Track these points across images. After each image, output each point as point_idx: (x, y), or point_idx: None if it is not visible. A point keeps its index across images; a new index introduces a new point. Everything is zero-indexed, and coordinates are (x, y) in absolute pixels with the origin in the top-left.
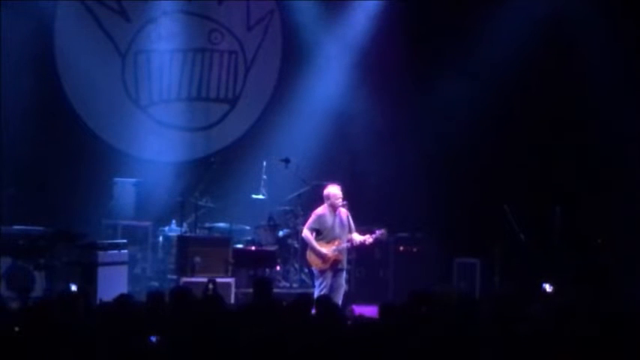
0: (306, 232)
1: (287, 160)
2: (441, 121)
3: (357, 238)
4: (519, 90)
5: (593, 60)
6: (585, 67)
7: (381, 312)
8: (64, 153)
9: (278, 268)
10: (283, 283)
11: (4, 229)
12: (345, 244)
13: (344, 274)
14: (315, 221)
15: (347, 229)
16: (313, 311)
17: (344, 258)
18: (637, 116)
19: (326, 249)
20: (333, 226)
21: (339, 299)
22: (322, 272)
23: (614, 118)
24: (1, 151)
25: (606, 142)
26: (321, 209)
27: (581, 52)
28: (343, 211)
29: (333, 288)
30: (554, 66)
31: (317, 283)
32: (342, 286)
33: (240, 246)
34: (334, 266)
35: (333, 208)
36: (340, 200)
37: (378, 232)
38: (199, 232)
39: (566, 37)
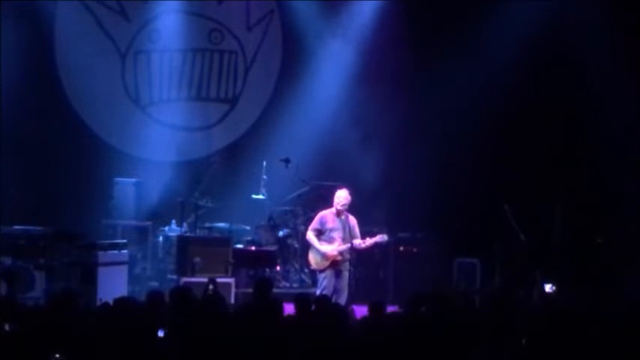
0: (309, 234)
1: (287, 160)
2: (441, 122)
3: (357, 241)
4: (520, 90)
5: (594, 59)
6: (586, 67)
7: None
8: (64, 153)
9: (278, 268)
10: (283, 283)
11: (4, 229)
12: (345, 246)
13: (346, 276)
14: (316, 221)
15: (350, 235)
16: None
17: (345, 260)
18: (638, 116)
19: (324, 248)
20: (334, 228)
21: (342, 301)
22: (322, 272)
23: (615, 118)
24: (0, 150)
25: (607, 141)
26: (326, 210)
27: (582, 50)
28: (352, 218)
29: (336, 289)
30: (555, 65)
31: (318, 283)
32: (346, 289)
33: (240, 246)
34: (334, 267)
35: (339, 211)
36: (342, 202)
37: (378, 236)
38: (199, 232)
39: (567, 35)
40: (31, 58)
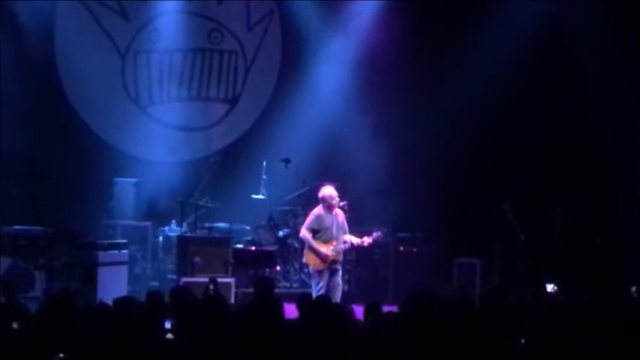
0: (304, 232)
1: (287, 160)
2: (441, 121)
3: (355, 240)
4: (519, 90)
5: (594, 60)
6: (586, 68)
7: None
8: (64, 153)
9: (278, 268)
10: (283, 283)
11: (4, 229)
12: (342, 246)
13: (340, 273)
14: (313, 221)
15: (343, 231)
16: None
17: (341, 258)
18: (637, 116)
19: (324, 249)
20: (331, 227)
21: (337, 298)
22: (319, 272)
23: (615, 118)
24: (1, 150)
25: (606, 141)
26: (318, 209)
27: (581, 52)
28: (339, 213)
29: (330, 287)
30: (555, 66)
31: (314, 283)
32: (340, 285)
33: (240, 246)
34: (331, 266)
35: (330, 208)
36: (337, 200)
37: (375, 234)
38: (199, 232)
39: (566, 38)
40: (31, 58)
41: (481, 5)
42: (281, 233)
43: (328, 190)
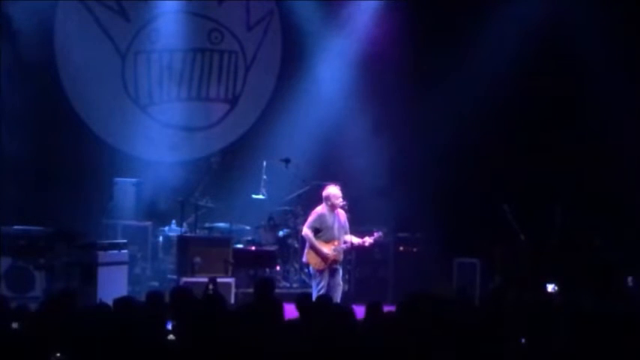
0: (306, 231)
1: (287, 160)
2: (441, 121)
3: (356, 240)
4: (519, 90)
5: (593, 60)
6: (585, 67)
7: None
8: (65, 153)
9: (278, 268)
10: (283, 283)
11: (4, 229)
12: (343, 245)
13: (340, 273)
14: (316, 220)
15: (344, 230)
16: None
17: (341, 258)
18: (637, 116)
19: (326, 249)
20: (332, 226)
21: (337, 298)
22: (320, 272)
23: (615, 118)
24: (1, 150)
25: (606, 141)
26: (321, 208)
27: (580, 52)
28: (341, 212)
29: (330, 287)
30: (555, 66)
31: (314, 282)
32: (340, 285)
33: (240, 246)
34: (331, 266)
35: (332, 208)
36: (341, 200)
37: (376, 234)
38: (199, 232)
39: (566, 37)
40: (31, 58)
41: (481, 5)
42: (281, 233)
43: (333, 190)
